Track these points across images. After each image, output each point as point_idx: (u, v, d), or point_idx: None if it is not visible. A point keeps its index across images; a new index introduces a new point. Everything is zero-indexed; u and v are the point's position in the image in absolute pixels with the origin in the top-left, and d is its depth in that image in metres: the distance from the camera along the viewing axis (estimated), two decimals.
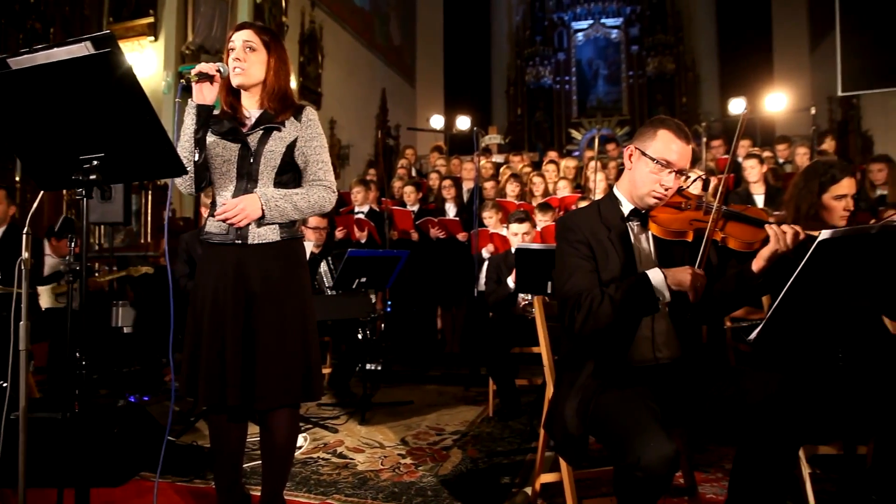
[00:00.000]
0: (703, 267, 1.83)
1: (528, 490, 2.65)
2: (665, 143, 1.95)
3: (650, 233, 1.99)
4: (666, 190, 1.95)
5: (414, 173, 8.77)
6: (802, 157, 6.04)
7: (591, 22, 16.16)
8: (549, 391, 2.26)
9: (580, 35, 16.20)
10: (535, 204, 5.60)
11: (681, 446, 2.12)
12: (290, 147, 2.17)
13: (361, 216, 6.05)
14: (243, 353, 2.08)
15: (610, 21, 16.06)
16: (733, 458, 1.82)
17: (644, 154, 1.97)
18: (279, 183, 2.17)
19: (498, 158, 9.18)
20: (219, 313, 2.10)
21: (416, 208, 6.40)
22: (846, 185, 2.40)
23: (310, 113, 2.25)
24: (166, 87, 7.29)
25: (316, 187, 2.20)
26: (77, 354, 1.66)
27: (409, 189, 6.57)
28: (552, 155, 7.83)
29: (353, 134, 11.36)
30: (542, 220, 4.97)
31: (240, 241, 2.13)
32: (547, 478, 2.43)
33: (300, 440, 3.36)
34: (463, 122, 10.96)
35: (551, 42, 16.25)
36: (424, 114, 13.46)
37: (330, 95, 10.60)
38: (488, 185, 6.57)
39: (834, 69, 5.68)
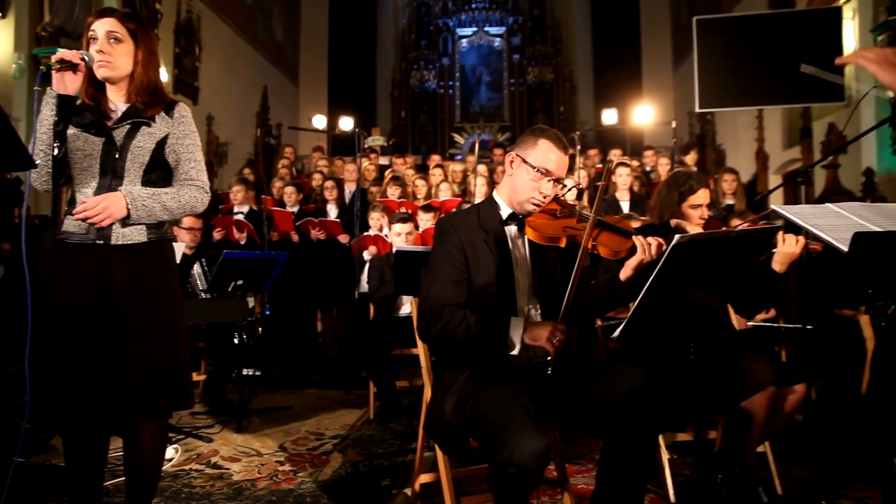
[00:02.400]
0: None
1: (408, 491, 2.67)
2: (545, 153, 2.02)
3: (527, 238, 2.07)
4: (544, 197, 2.03)
5: (295, 173, 8.58)
6: (664, 166, 6.53)
7: (475, 29, 16.55)
8: (428, 393, 2.29)
9: (464, 41, 16.54)
10: (418, 206, 5.65)
11: (553, 441, 2.22)
12: (161, 144, 2.04)
13: (241, 217, 5.83)
14: (105, 362, 1.93)
15: (493, 29, 16.53)
16: (601, 449, 1.93)
17: (525, 161, 2.04)
18: (147, 181, 2.04)
19: (383, 160, 9.18)
20: (77, 320, 1.94)
21: (296, 209, 6.26)
22: (702, 196, 2.64)
23: (182, 109, 2.13)
24: (17, 71, 6.63)
25: (187, 187, 2.09)
26: None
27: (289, 189, 6.41)
28: (437, 158, 7.93)
29: (231, 131, 10.92)
30: (425, 220, 5.02)
31: (101, 242, 1.97)
32: (426, 478, 2.46)
33: (170, 452, 3.18)
34: (346, 123, 10.86)
35: (436, 47, 16.47)
36: (307, 113, 13.19)
37: (208, 90, 10.14)
38: (372, 187, 6.54)
39: (693, 87, 6.16)
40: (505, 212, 2.10)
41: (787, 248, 2.46)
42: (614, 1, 15.68)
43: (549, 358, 1.82)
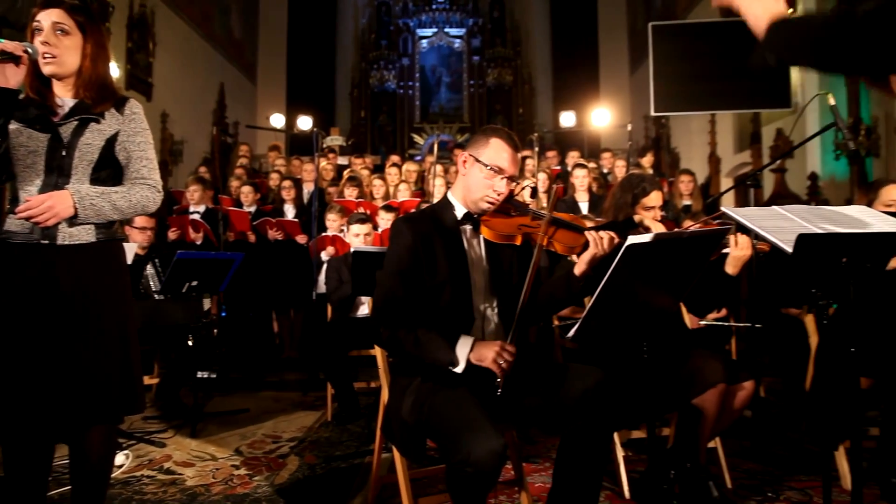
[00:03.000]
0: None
1: (366, 492, 2.66)
2: (497, 151, 2.04)
3: (482, 237, 2.09)
4: (498, 195, 2.05)
5: (252, 172, 8.45)
6: (620, 168, 6.64)
7: (435, 30, 16.57)
8: (385, 394, 2.28)
9: (424, 42, 16.54)
10: (377, 206, 5.63)
11: (510, 440, 2.23)
12: (111, 141, 1.99)
13: (197, 216, 5.72)
14: (51, 366, 1.87)
15: (453, 31, 16.57)
16: (557, 448, 1.96)
17: (477, 160, 2.05)
18: (96, 179, 1.97)
19: (342, 161, 9.11)
20: (20, 322, 1.87)
21: (253, 209, 6.16)
22: (655, 198, 2.70)
23: (134, 106, 2.07)
24: None
25: (139, 186, 2.03)
26: None
27: (246, 189, 6.31)
28: (394, 158, 7.91)
29: (187, 129, 10.69)
30: (386, 220, 4.99)
31: (46, 242, 1.91)
32: (384, 479, 2.45)
33: (120, 458, 3.10)
34: (304, 123, 10.73)
35: (396, 47, 16.43)
36: (265, 111, 13.00)
37: (162, 87, 9.90)
38: (330, 188, 6.49)
39: (648, 91, 6.29)
40: (460, 211, 2.11)
41: (739, 251, 2.53)
42: (573, 5, 15.89)
43: (497, 380, 1.83)
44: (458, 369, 1.85)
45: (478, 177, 2.05)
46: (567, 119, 10.77)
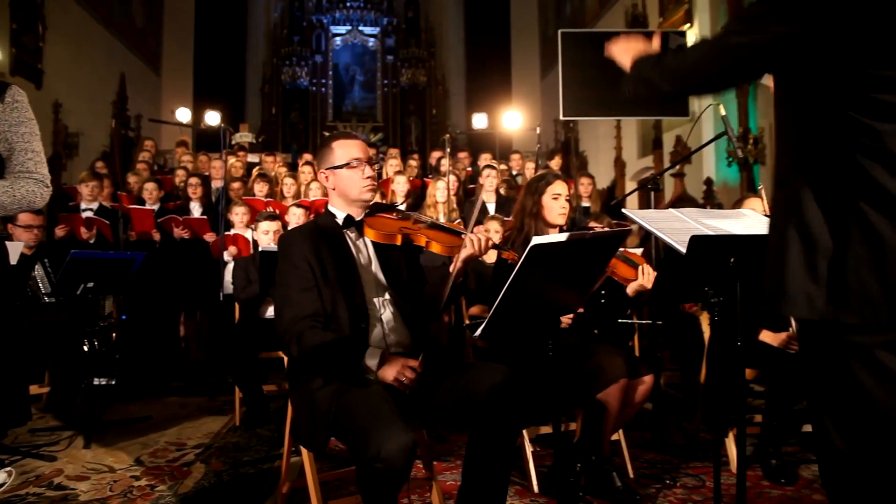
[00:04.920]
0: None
1: (275, 498, 2.60)
2: (343, 149, 2.14)
3: (367, 239, 2.14)
4: (371, 178, 2.13)
5: (156, 169, 8.07)
6: (530, 171, 6.82)
7: (349, 28, 16.40)
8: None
9: (338, 40, 16.34)
10: (286, 205, 5.51)
11: (420, 438, 2.25)
12: None
13: (90, 213, 5.39)
14: None
15: (368, 29, 16.46)
16: (466, 445, 1.99)
17: (336, 168, 2.13)
18: None
19: (253, 158, 8.85)
20: None
21: (157, 207, 5.88)
22: (559, 186, 2.80)
23: (16, 94, 1.94)
24: None
25: (23, 180, 1.90)
26: None
27: (150, 186, 6.01)
28: (307, 157, 7.76)
29: (83, 121, 10.06)
30: (297, 216, 4.88)
31: None
32: (293, 483, 2.41)
33: (1, 476, 2.88)
34: (212, 118, 10.33)
35: (309, 43, 16.15)
36: (170, 105, 12.41)
37: (54, 74, 9.27)
38: (237, 185, 6.28)
39: (558, 96, 6.46)
40: (341, 218, 2.16)
41: (643, 280, 2.69)
42: (487, 10, 16.16)
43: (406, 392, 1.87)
44: (372, 376, 1.90)
45: (345, 179, 2.13)
46: (479, 121, 10.93)
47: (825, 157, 1.26)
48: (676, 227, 1.95)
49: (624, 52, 1.63)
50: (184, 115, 11.03)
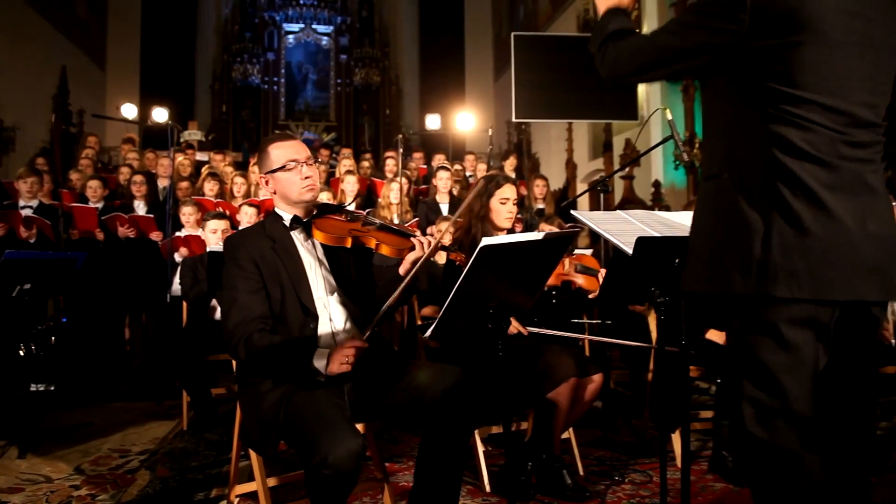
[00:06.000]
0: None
1: (224, 503, 2.55)
2: (281, 151, 2.11)
3: (315, 240, 2.12)
4: (309, 178, 2.11)
5: (100, 166, 7.82)
6: (482, 172, 6.87)
7: (302, 26, 16.22)
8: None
9: (291, 38, 16.14)
10: (236, 205, 5.41)
11: (371, 441, 2.24)
12: None
13: (29, 211, 5.18)
14: None
15: (321, 28, 16.31)
16: (419, 446, 1.98)
17: (275, 171, 2.10)
18: None
19: (202, 156, 8.66)
20: None
21: (101, 205, 5.69)
22: (508, 190, 2.82)
23: None
24: None
25: None
26: None
27: (94, 183, 5.81)
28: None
29: (20, 115, 9.67)
30: (248, 215, 4.80)
31: None
32: (242, 488, 2.37)
33: None
34: (160, 115, 10.07)
35: (261, 41, 15.91)
36: (115, 100, 12.05)
37: None
38: (185, 184, 6.13)
39: (511, 98, 6.53)
40: (288, 219, 2.14)
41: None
42: (441, 11, 16.21)
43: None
44: (322, 378, 1.87)
45: (285, 181, 2.10)
46: (433, 122, 10.96)
47: (749, 151, 1.38)
48: (623, 228, 1.99)
49: (602, 2, 1.68)
50: (130, 111, 10.71)
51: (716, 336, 3.02)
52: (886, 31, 1.40)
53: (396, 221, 5.31)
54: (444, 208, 5.53)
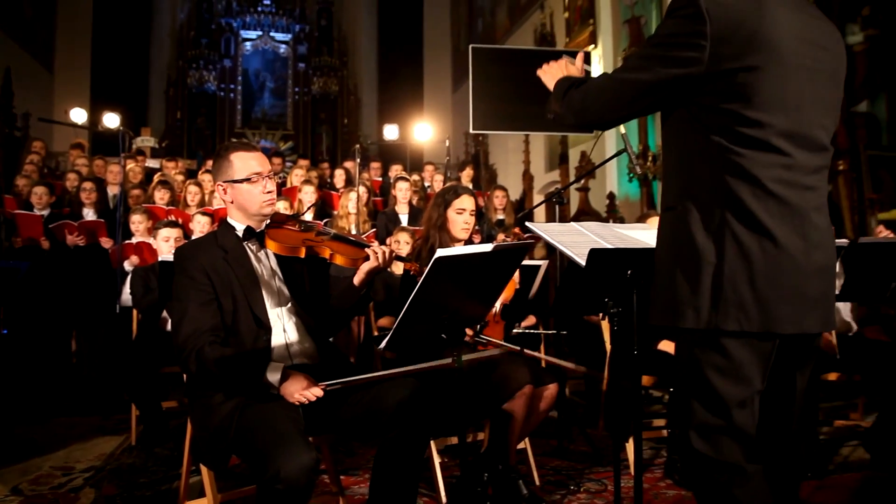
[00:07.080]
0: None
1: None
2: (244, 161, 2.08)
3: (269, 250, 2.10)
4: (271, 193, 2.08)
5: (46, 172, 7.56)
6: (440, 182, 6.90)
7: (259, 33, 16.05)
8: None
9: (248, 44, 15.95)
10: (189, 213, 5.29)
11: (326, 453, 2.21)
12: None
13: None
14: None
15: (279, 35, 16.16)
16: (374, 458, 1.97)
17: (233, 181, 2.07)
18: None
19: (153, 163, 8.46)
20: None
21: (47, 213, 5.50)
22: (465, 201, 2.84)
23: None
24: None
25: None
26: None
27: (40, 190, 5.61)
28: (210, 164, 7.51)
29: None
30: (202, 223, 4.69)
31: None
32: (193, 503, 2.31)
33: None
34: (111, 120, 9.82)
35: (217, 47, 15.68)
36: (63, 105, 11.66)
37: None
38: (136, 191, 5.98)
39: (468, 109, 6.57)
40: (241, 229, 2.11)
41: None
42: (400, 21, 16.25)
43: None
44: (275, 391, 1.85)
45: (245, 193, 2.07)
46: (391, 132, 10.96)
47: (704, 181, 1.40)
48: (577, 240, 2.02)
49: (550, 76, 1.71)
50: (79, 115, 10.39)
51: (668, 346, 3.09)
52: (837, 60, 1.45)
53: (354, 232, 5.29)
54: (404, 219, 5.53)
